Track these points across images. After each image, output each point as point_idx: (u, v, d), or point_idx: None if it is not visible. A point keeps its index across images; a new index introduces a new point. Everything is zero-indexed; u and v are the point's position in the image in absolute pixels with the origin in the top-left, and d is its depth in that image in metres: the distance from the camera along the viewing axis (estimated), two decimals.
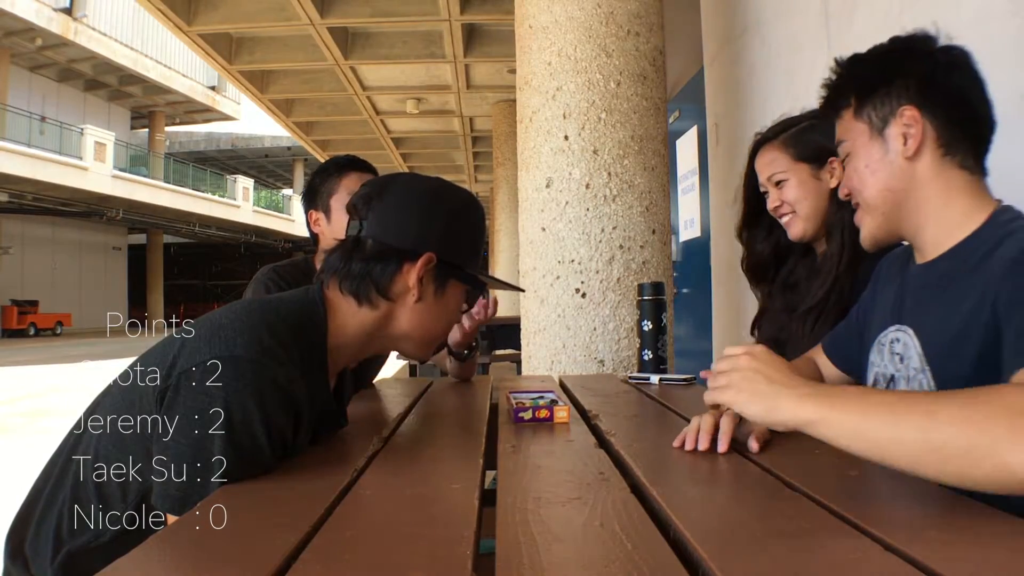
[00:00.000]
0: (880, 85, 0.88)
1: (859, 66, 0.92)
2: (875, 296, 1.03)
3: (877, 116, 0.88)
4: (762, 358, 0.74)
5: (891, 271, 1.00)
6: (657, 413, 1.18)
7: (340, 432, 1.04)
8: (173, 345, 0.82)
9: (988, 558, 0.53)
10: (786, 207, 1.30)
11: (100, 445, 0.84)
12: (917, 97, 0.85)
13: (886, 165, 0.87)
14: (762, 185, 1.34)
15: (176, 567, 0.57)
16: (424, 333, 0.97)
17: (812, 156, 1.28)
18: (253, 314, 0.84)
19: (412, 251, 0.92)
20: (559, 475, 0.83)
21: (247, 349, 0.78)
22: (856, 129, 0.90)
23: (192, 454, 0.76)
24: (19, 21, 18.43)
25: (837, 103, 0.93)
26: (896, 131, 0.86)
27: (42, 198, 19.49)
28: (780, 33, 2.62)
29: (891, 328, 0.93)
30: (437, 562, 0.54)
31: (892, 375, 0.92)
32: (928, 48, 0.87)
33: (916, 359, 0.86)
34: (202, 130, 30.55)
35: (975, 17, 1.47)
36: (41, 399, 7.39)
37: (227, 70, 6.78)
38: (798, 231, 1.30)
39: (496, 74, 7.10)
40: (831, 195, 1.27)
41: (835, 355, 1.09)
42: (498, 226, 9.73)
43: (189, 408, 0.76)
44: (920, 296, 0.88)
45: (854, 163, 0.91)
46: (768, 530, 0.61)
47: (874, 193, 0.88)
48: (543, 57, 2.25)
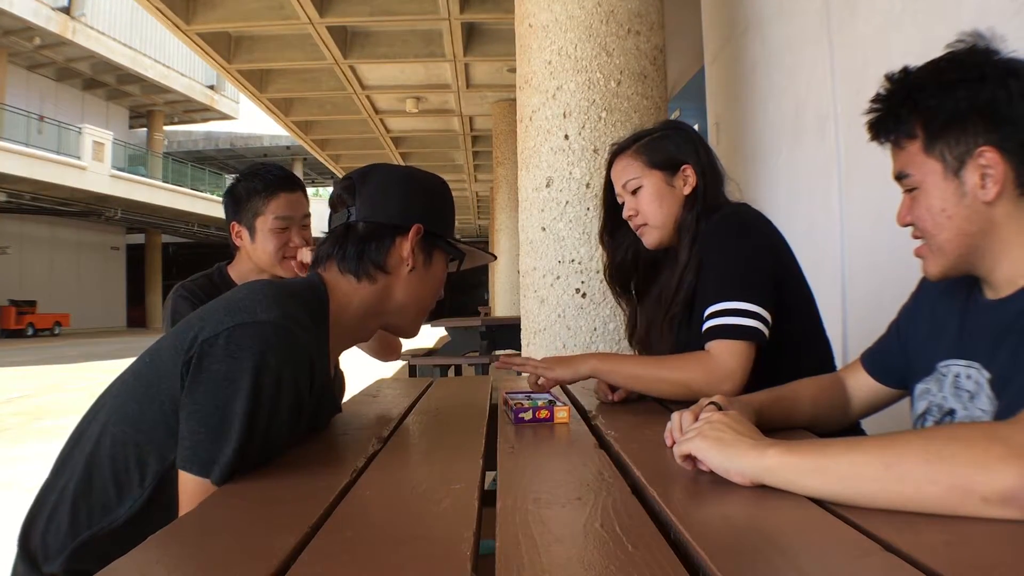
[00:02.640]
0: (954, 121, 0.81)
1: (925, 96, 0.83)
2: (922, 315, 0.99)
3: (952, 155, 0.82)
4: (733, 416, 0.77)
5: (944, 295, 0.95)
6: (657, 413, 1.18)
7: (340, 432, 1.05)
8: (191, 325, 0.84)
9: (989, 558, 0.53)
10: (640, 217, 1.32)
11: (116, 430, 0.85)
12: (994, 135, 0.80)
13: (962, 208, 0.82)
14: (619, 194, 1.36)
15: (176, 567, 0.57)
16: (419, 301, 1.05)
17: (665, 164, 1.30)
18: (266, 289, 0.87)
19: (402, 225, 1.01)
20: (559, 476, 0.83)
21: (269, 313, 0.82)
22: (927, 166, 0.84)
23: (220, 416, 0.77)
24: (17, 20, 18.42)
25: (898, 131, 0.86)
26: (973, 172, 0.81)
27: (40, 198, 19.47)
28: (781, 32, 2.62)
29: (955, 361, 0.89)
30: (437, 562, 0.53)
31: (952, 409, 0.89)
32: (999, 72, 0.81)
33: (986, 401, 0.83)
34: (201, 129, 30.53)
35: (975, 16, 1.47)
36: (39, 399, 7.38)
37: (226, 69, 6.77)
38: (653, 240, 1.33)
39: (496, 73, 7.10)
40: (684, 202, 1.30)
41: (876, 370, 1.05)
42: (498, 226, 9.72)
43: (215, 372, 0.78)
44: (993, 334, 0.84)
45: (926, 202, 0.85)
46: (768, 530, 0.61)
47: (950, 237, 0.84)
48: (543, 56, 2.24)
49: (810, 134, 2.39)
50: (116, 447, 0.84)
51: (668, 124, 1.41)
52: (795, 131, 2.51)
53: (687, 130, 1.37)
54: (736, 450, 0.71)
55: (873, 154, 0.96)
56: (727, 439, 0.72)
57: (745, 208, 1.29)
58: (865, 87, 1.89)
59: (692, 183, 1.30)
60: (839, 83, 2.21)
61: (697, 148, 1.33)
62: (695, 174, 1.30)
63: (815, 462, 0.65)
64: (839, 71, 2.21)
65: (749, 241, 1.21)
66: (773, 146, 2.69)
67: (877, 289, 1.98)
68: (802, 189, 2.47)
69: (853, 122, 2.06)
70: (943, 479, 0.58)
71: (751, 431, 0.74)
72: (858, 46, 2.08)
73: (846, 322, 2.17)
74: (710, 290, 1.19)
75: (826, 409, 1.05)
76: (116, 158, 20.96)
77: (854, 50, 2.10)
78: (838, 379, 1.09)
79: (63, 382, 8.91)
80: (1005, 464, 0.55)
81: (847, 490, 0.63)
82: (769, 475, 0.68)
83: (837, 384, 1.08)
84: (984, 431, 0.60)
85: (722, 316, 1.15)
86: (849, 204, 2.17)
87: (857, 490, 0.62)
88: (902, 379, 1.01)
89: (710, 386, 1.09)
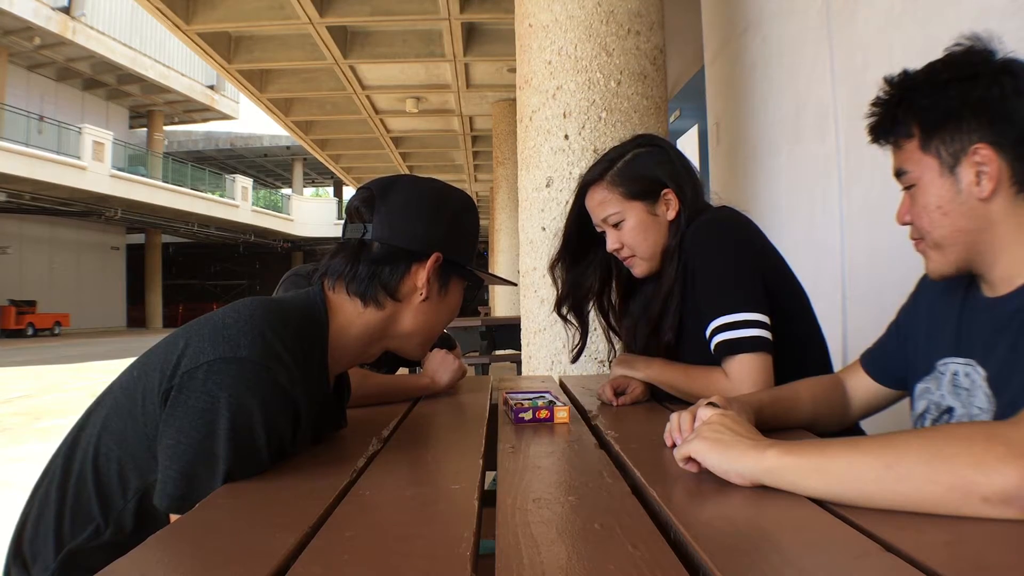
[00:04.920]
0: (948, 119, 0.82)
1: (920, 95, 0.85)
2: (920, 314, 0.99)
3: (947, 152, 0.83)
4: (732, 416, 0.77)
5: (944, 293, 0.95)
6: (657, 413, 1.18)
7: (340, 432, 1.04)
8: (177, 344, 0.82)
9: (989, 558, 0.53)
10: (627, 250, 1.27)
11: (101, 443, 0.84)
12: (988, 132, 0.80)
13: (958, 205, 0.83)
14: (598, 226, 1.30)
15: (176, 567, 0.57)
16: (427, 330, 0.99)
17: (644, 192, 1.25)
18: (256, 314, 0.84)
19: (420, 252, 0.94)
20: (559, 476, 0.83)
21: (251, 350, 0.79)
22: (924, 163, 0.85)
23: (194, 454, 0.76)
24: (17, 20, 18.41)
25: (895, 132, 0.88)
26: (969, 169, 0.82)
27: (40, 198, 19.47)
28: (781, 32, 2.62)
29: (953, 359, 0.90)
30: (437, 563, 0.53)
31: (950, 407, 0.89)
32: (993, 71, 0.82)
33: (983, 398, 0.83)
34: (201, 129, 30.54)
35: (976, 16, 1.47)
36: (39, 399, 7.38)
37: (226, 69, 6.77)
38: (644, 271, 1.29)
39: (496, 73, 7.10)
40: (669, 227, 1.26)
41: (876, 371, 1.05)
42: (498, 226, 9.72)
43: (192, 408, 0.76)
44: (989, 332, 0.85)
45: (923, 200, 0.86)
46: (768, 531, 0.61)
47: (946, 234, 0.85)
48: (543, 56, 2.25)
49: (810, 134, 2.39)
50: (100, 459, 0.84)
51: (637, 141, 1.32)
52: (795, 131, 2.51)
53: (658, 144, 1.32)
54: (735, 451, 0.70)
55: (873, 154, 0.96)
56: (725, 440, 0.72)
57: (726, 212, 1.26)
58: (865, 87, 1.89)
59: (675, 207, 1.25)
60: (839, 83, 2.21)
61: (673, 163, 1.28)
62: (676, 197, 1.25)
63: (815, 463, 0.65)
64: (839, 71, 2.21)
65: (733, 248, 1.19)
66: (773, 146, 2.69)
67: (877, 289, 1.98)
68: (802, 189, 2.47)
69: (853, 122, 2.06)
70: (943, 479, 0.57)
71: (749, 431, 0.74)
72: (858, 46, 2.08)
73: (846, 322, 2.16)
74: (706, 304, 1.18)
75: (825, 410, 1.05)
76: (116, 158, 20.95)
77: (854, 50, 2.10)
78: (838, 380, 1.09)
79: (63, 382, 8.91)
80: (1005, 464, 0.55)
81: (847, 491, 0.63)
82: (768, 476, 0.67)
83: (837, 385, 1.08)
84: (984, 431, 0.60)
85: (728, 331, 1.13)
86: (849, 204, 2.16)
87: (857, 490, 0.62)
88: (902, 380, 1.01)
89: None
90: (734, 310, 1.14)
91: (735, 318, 1.13)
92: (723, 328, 1.14)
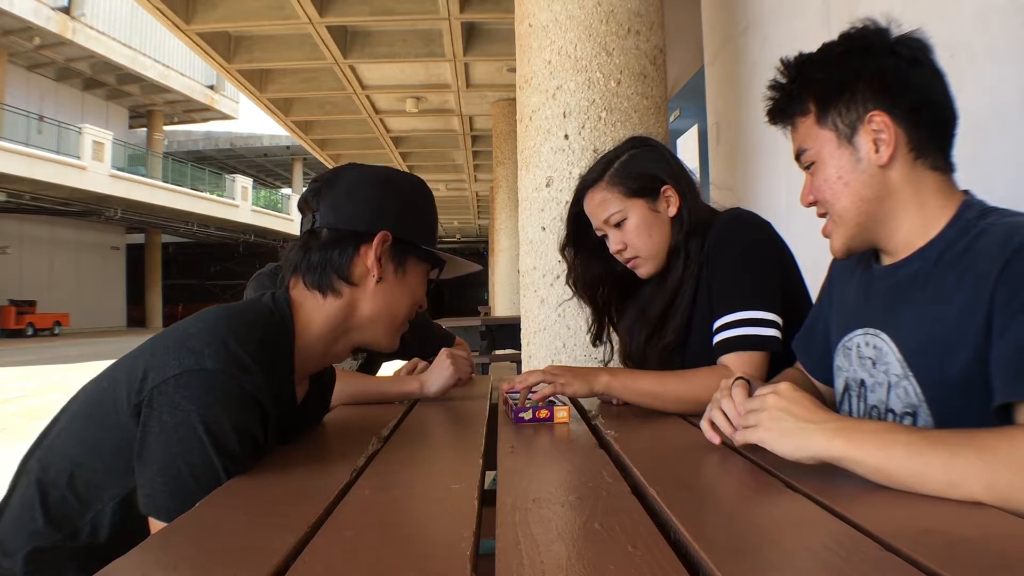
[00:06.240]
0: (843, 90, 0.84)
1: (814, 69, 0.86)
2: (832, 297, 1.00)
3: (843, 123, 0.84)
4: (787, 395, 0.74)
5: (845, 271, 0.97)
6: (657, 413, 1.18)
7: (340, 432, 1.05)
8: (143, 355, 0.83)
9: (989, 558, 0.53)
10: (630, 250, 1.26)
11: (69, 446, 0.85)
12: (884, 100, 0.82)
13: (859, 174, 0.84)
14: (599, 229, 1.29)
15: (176, 567, 0.57)
16: (390, 314, 0.99)
17: (644, 189, 1.24)
18: (219, 324, 0.84)
19: (367, 232, 0.95)
20: (559, 475, 0.83)
21: (215, 360, 0.79)
22: (821, 137, 0.86)
23: (173, 465, 0.77)
24: (17, 20, 18.42)
25: (789, 109, 0.89)
26: (866, 137, 0.83)
27: (40, 197, 19.48)
28: (781, 31, 2.62)
29: (857, 332, 0.90)
30: (437, 563, 0.53)
31: (863, 380, 0.90)
32: (886, 42, 0.84)
33: (896, 364, 0.84)
34: (200, 129, 30.54)
35: (976, 15, 1.47)
36: (39, 399, 7.38)
37: (226, 69, 6.77)
38: (649, 271, 1.28)
39: (496, 73, 7.10)
40: (671, 223, 1.25)
41: (807, 363, 1.06)
42: (498, 226, 9.72)
43: (165, 422, 0.78)
44: (891, 298, 0.86)
45: (823, 173, 0.87)
46: (769, 531, 0.61)
47: (848, 204, 0.85)
48: (543, 56, 2.24)
49: None
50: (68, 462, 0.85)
51: (632, 143, 1.32)
52: None
53: (652, 144, 1.32)
54: (802, 440, 0.70)
55: None
56: (789, 428, 0.72)
57: (747, 214, 1.27)
58: None
59: (676, 203, 1.25)
60: None
61: (669, 161, 1.28)
62: (676, 192, 1.25)
63: (878, 464, 0.66)
64: None
65: (758, 248, 1.20)
66: (773, 146, 2.69)
67: None
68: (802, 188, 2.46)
69: None
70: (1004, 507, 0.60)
71: (809, 410, 0.72)
72: None
73: None
74: (720, 301, 1.17)
75: None
76: (116, 158, 20.95)
77: None
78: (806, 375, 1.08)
79: (63, 382, 8.90)
80: None
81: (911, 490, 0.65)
82: (837, 463, 0.69)
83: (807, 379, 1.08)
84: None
85: (733, 328, 1.14)
86: None
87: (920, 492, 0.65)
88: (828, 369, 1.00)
89: None
90: (746, 307, 1.14)
91: (745, 315, 1.13)
92: (729, 325, 1.14)
